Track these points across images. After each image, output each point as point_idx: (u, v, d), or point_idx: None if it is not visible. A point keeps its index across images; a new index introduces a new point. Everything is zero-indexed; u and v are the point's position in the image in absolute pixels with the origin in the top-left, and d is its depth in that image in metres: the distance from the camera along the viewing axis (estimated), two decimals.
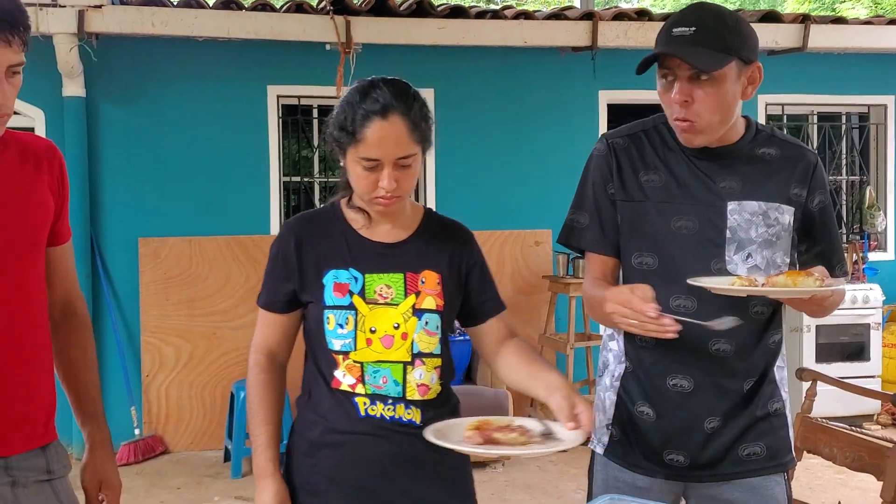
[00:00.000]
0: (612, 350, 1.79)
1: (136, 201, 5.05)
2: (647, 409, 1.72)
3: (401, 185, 1.56)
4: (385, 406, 1.60)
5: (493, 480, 4.46)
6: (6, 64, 1.39)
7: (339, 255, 1.64)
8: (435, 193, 5.42)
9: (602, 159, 1.76)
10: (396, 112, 1.53)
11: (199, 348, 5.07)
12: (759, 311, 1.67)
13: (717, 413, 1.68)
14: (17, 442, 1.55)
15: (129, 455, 4.79)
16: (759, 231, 1.66)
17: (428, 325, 1.62)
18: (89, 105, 4.94)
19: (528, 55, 5.42)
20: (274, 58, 5.12)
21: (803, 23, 5.40)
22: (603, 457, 1.79)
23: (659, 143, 1.73)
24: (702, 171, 1.69)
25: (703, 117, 1.60)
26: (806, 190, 1.70)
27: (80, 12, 4.53)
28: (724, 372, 1.68)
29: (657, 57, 1.60)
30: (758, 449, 1.70)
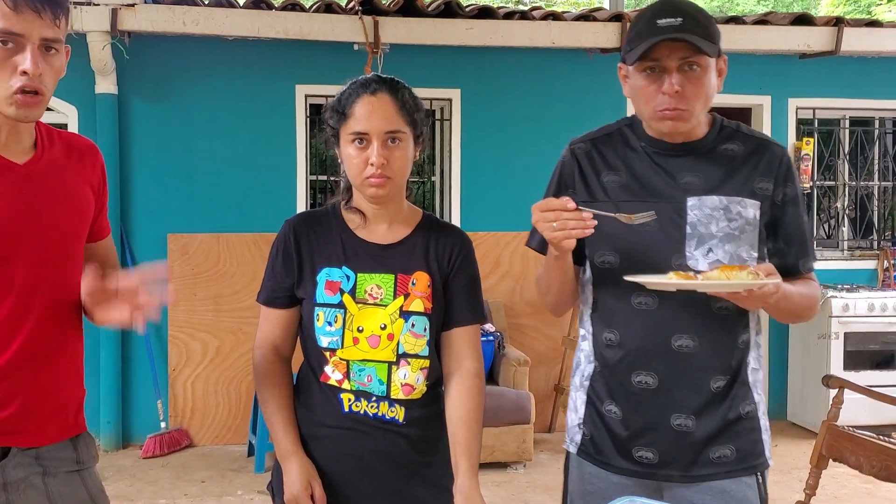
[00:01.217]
0: (582, 350, 1.82)
1: (165, 198, 5.11)
2: (614, 408, 1.74)
3: (391, 164, 1.61)
4: (369, 403, 1.65)
5: (513, 481, 4.46)
6: (38, 35, 1.42)
7: (334, 253, 1.68)
8: (461, 194, 5.42)
9: (565, 166, 1.82)
10: (384, 90, 1.62)
11: (225, 343, 5.12)
12: (723, 306, 1.67)
13: (684, 411, 1.68)
14: (51, 432, 1.58)
15: (154, 448, 4.85)
16: (719, 226, 1.66)
17: (415, 328, 1.65)
18: (121, 102, 5.02)
19: (556, 56, 5.40)
20: (302, 57, 5.16)
21: (836, 26, 5.33)
22: (577, 456, 1.81)
23: (621, 144, 1.77)
24: (663, 168, 1.71)
25: (694, 105, 1.64)
26: (772, 183, 1.70)
27: (113, 10, 4.60)
28: (689, 369, 1.68)
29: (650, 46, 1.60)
30: (728, 451, 1.70)
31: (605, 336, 1.74)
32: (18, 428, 1.52)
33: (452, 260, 1.72)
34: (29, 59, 1.41)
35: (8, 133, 1.50)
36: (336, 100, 1.66)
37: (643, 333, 1.69)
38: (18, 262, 1.49)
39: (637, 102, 1.69)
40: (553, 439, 5.28)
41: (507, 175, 5.45)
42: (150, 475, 4.56)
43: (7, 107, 1.44)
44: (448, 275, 1.71)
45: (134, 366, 5.13)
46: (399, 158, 1.62)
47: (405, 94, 1.64)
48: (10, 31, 1.40)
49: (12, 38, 1.40)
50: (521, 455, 4.62)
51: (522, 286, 5.41)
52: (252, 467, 4.65)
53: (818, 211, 6.14)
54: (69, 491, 1.60)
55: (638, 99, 1.68)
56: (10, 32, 1.40)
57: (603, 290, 1.74)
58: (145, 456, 4.83)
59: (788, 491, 4.13)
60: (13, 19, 1.39)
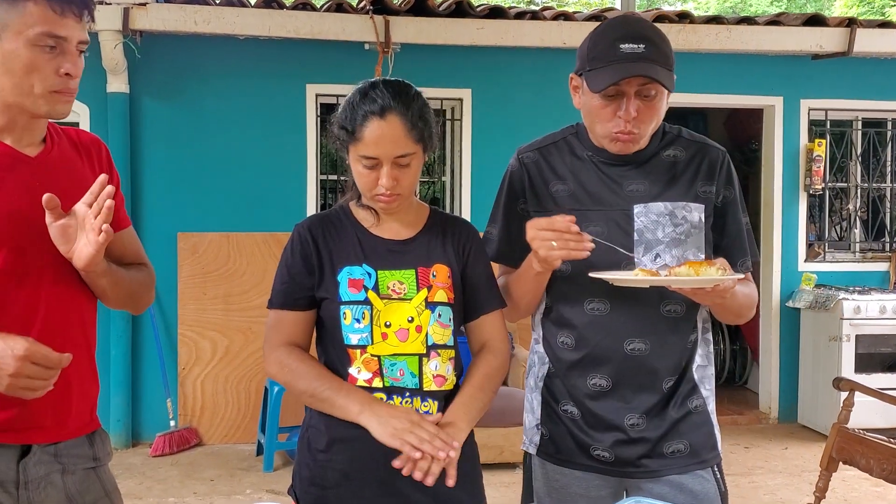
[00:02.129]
0: (536, 352, 1.85)
1: (175, 196, 5.13)
2: (571, 408, 1.77)
3: (400, 183, 1.61)
4: (402, 399, 1.63)
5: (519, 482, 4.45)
6: (77, 38, 1.48)
7: (352, 252, 1.68)
8: (471, 194, 5.42)
9: (514, 175, 1.85)
10: (394, 112, 1.59)
11: (234, 343, 5.13)
12: (671, 309, 1.71)
13: (636, 411, 1.72)
14: (70, 428, 1.60)
15: (164, 446, 4.87)
16: (665, 231, 1.70)
17: (441, 318, 1.66)
18: (132, 101, 5.04)
19: (567, 56, 5.36)
20: (313, 56, 5.17)
21: (849, 26, 5.30)
22: (538, 457, 1.83)
23: (567, 154, 1.80)
24: (609, 177, 1.74)
25: (646, 129, 1.68)
26: (714, 186, 1.74)
27: (125, 10, 4.62)
28: (641, 371, 1.71)
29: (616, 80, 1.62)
30: (681, 446, 1.74)
31: (560, 340, 1.77)
32: (38, 423, 1.54)
33: (466, 251, 1.74)
34: (71, 62, 1.49)
35: (22, 128, 1.54)
36: (343, 113, 1.63)
37: (597, 338, 1.72)
38: (33, 253, 1.51)
39: (590, 120, 1.73)
40: None
41: None
42: (159, 473, 4.57)
43: (42, 104, 1.49)
44: (465, 266, 1.73)
45: (144, 364, 5.15)
46: (409, 176, 1.63)
47: (415, 111, 1.61)
48: (56, 34, 1.46)
49: (57, 41, 1.46)
50: None
51: None
52: (261, 466, 4.66)
53: (830, 213, 6.10)
54: (86, 488, 1.62)
55: (592, 117, 1.72)
56: (57, 36, 1.46)
57: (556, 296, 1.77)
58: (155, 454, 4.84)
59: (798, 494, 4.10)
60: (59, 23, 1.46)
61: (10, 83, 1.48)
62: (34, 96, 1.48)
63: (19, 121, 1.52)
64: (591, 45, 1.69)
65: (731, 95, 5.66)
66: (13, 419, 1.50)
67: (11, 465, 1.51)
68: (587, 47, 1.71)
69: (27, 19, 1.44)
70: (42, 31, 1.44)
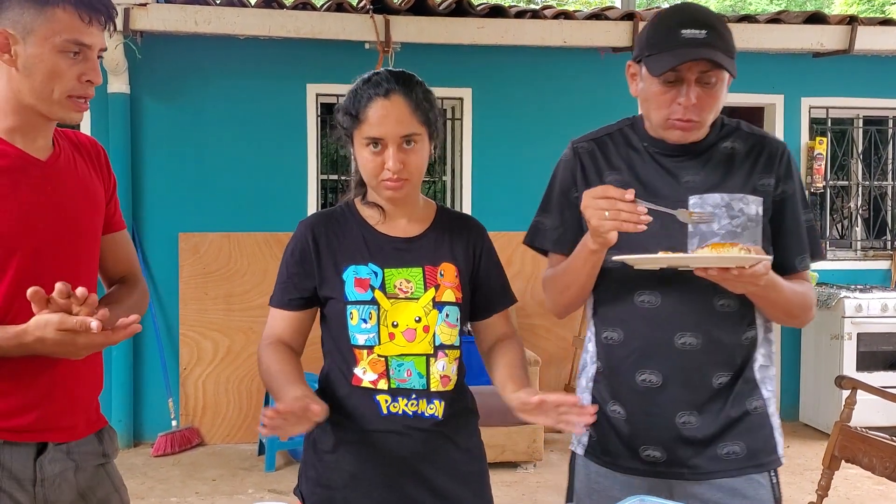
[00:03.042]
0: (588, 351, 1.82)
1: (176, 197, 5.13)
2: (618, 408, 1.74)
3: (407, 166, 1.58)
4: (408, 402, 1.61)
5: (524, 481, 4.45)
6: (99, 46, 1.52)
7: (358, 250, 1.65)
8: (472, 192, 5.42)
9: (567, 165, 1.81)
10: (397, 92, 1.58)
11: (236, 343, 5.13)
12: (725, 304, 1.66)
13: (688, 408, 1.68)
14: (81, 427, 1.63)
15: (165, 446, 4.87)
16: (721, 223, 1.66)
17: (448, 318, 1.65)
18: (133, 102, 5.04)
19: (567, 55, 5.39)
20: (313, 56, 5.17)
21: (850, 24, 5.29)
22: (584, 457, 1.81)
23: (623, 145, 1.77)
24: (665, 168, 1.71)
25: (706, 117, 1.65)
26: (773, 179, 1.70)
27: (125, 10, 4.61)
28: (692, 366, 1.67)
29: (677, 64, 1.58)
30: (737, 448, 1.69)
31: (608, 336, 1.74)
32: (53, 423, 1.57)
33: (476, 250, 1.72)
34: (94, 68, 1.51)
35: (35, 131, 1.56)
36: (348, 100, 1.62)
37: (646, 332, 1.69)
38: (47, 255, 1.53)
39: (647, 106, 1.68)
40: (563, 439, 5.26)
41: (518, 174, 5.44)
42: (160, 473, 4.57)
43: (58, 110, 1.52)
44: (475, 265, 1.71)
45: (145, 364, 5.15)
46: (415, 160, 1.60)
47: (419, 93, 1.61)
48: (81, 42, 1.49)
49: (81, 49, 1.49)
50: (532, 455, 4.61)
51: (534, 286, 5.40)
52: (263, 466, 4.66)
53: (831, 211, 6.10)
54: (97, 483, 1.65)
55: (649, 104, 1.67)
56: (82, 44, 1.49)
57: (606, 289, 1.74)
58: (156, 454, 4.85)
59: (800, 492, 4.10)
60: (85, 31, 1.49)
61: (29, 86, 1.49)
62: (51, 101, 1.49)
63: (32, 123, 1.54)
64: (652, 30, 1.65)
65: (731, 94, 5.57)
66: (32, 422, 1.54)
67: (28, 463, 1.55)
68: (647, 33, 1.66)
69: (55, 26, 1.46)
70: (69, 38, 1.47)
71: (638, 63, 1.68)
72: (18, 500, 1.53)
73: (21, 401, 1.53)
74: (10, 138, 1.53)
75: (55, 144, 1.60)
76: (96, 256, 1.67)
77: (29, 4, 1.45)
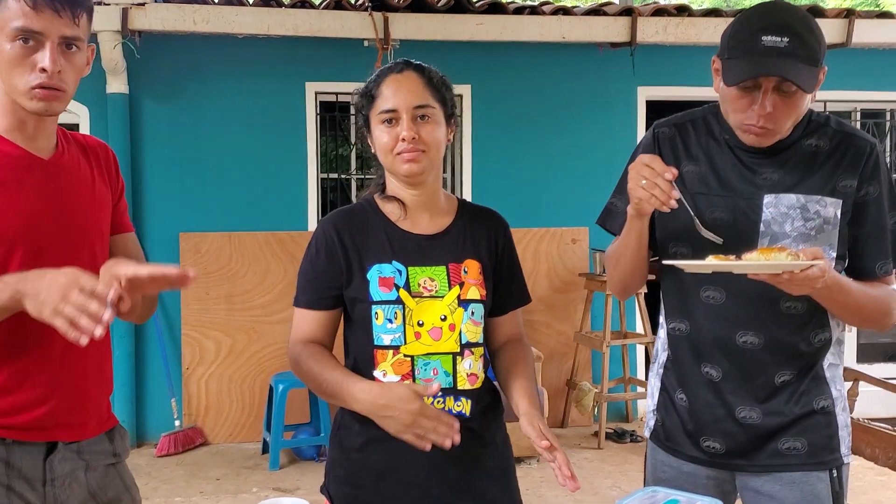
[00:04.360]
0: (660, 338, 1.83)
1: (177, 197, 5.13)
2: (683, 396, 1.75)
3: (422, 136, 1.58)
4: (434, 400, 1.57)
5: (528, 476, 4.46)
6: (57, 33, 1.44)
7: (381, 248, 1.63)
8: (471, 190, 5.43)
9: (646, 148, 1.78)
10: (410, 69, 1.62)
11: (238, 342, 5.14)
12: (791, 306, 1.64)
13: (749, 403, 1.68)
14: (91, 426, 1.63)
15: (169, 446, 4.88)
16: (794, 225, 1.62)
17: (474, 315, 1.64)
18: (132, 102, 5.03)
19: (566, 51, 5.39)
20: (312, 54, 5.17)
21: (847, 18, 5.30)
22: (651, 442, 1.83)
23: (704, 133, 1.73)
24: (744, 163, 1.67)
25: (781, 125, 1.60)
26: (856, 180, 1.63)
27: (123, 10, 4.61)
28: (753, 364, 1.67)
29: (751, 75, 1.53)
30: (798, 444, 1.68)
31: (675, 326, 1.75)
32: (63, 421, 1.56)
33: (500, 245, 1.71)
34: (48, 56, 1.44)
35: (34, 129, 1.54)
36: (364, 87, 1.66)
37: (709, 327, 1.68)
38: (50, 253, 1.52)
39: (725, 106, 1.65)
40: (566, 434, 5.28)
41: (518, 170, 5.45)
42: (164, 473, 4.58)
43: (28, 101, 1.47)
44: (497, 260, 1.71)
45: (148, 365, 5.15)
46: (430, 132, 1.58)
47: (433, 73, 1.64)
48: (29, 28, 1.43)
49: (32, 36, 1.43)
50: (535, 450, 4.61)
51: (534, 282, 5.41)
52: (267, 465, 4.67)
53: None
54: (107, 483, 1.65)
55: (727, 105, 1.64)
56: (30, 30, 1.43)
57: (674, 281, 1.73)
58: (160, 454, 4.85)
59: None
60: (32, 17, 1.42)
61: (2, 80, 1.48)
62: (19, 93, 1.47)
63: (28, 121, 1.52)
64: (734, 31, 1.59)
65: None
66: (40, 418, 1.53)
67: (38, 462, 1.54)
68: (729, 33, 1.61)
69: (5, 14, 1.43)
70: (17, 27, 1.42)
71: (721, 58, 1.63)
72: (29, 500, 1.53)
73: (29, 397, 1.52)
74: (11, 137, 1.52)
75: (59, 144, 1.60)
76: (102, 256, 1.65)
77: None
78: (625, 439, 5.14)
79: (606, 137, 5.51)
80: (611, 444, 5.09)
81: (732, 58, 1.57)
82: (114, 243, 1.71)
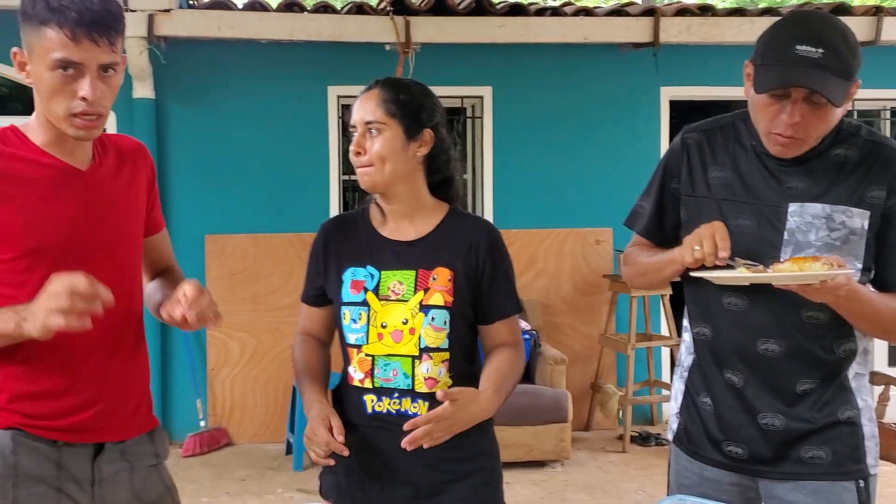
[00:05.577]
0: (685, 341, 1.83)
1: (202, 199, 5.18)
2: (708, 400, 1.75)
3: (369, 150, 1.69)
4: (391, 400, 1.68)
5: (551, 480, 4.45)
6: (95, 62, 1.48)
7: (359, 253, 1.75)
8: (492, 191, 5.42)
9: (674, 154, 1.79)
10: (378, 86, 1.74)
11: (262, 343, 5.18)
12: (813, 315, 1.63)
13: (771, 410, 1.67)
14: (134, 427, 1.67)
15: (194, 446, 4.93)
16: (819, 235, 1.61)
17: (434, 321, 1.68)
18: (158, 106, 5.10)
19: (588, 52, 5.37)
20: (334, 58, 5.20)
21: (875, 15, 5.22)
22: (674, 445, 1.83)
23: (732, 140, 1.73)
24: (770, 170, 1.67)
25: (810, 137, 1.59)
26: (885, 190, 1.61)
27: (149, 16, 4.67)
28: (774, 371, 1.66)
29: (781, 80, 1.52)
30: (822, 453, 1.66)
31: (699, 331, 1.75)
32: (109, 422, 1.61)
33: (479, 254, 1.73)
34: (88, 85, 1.47)
35: (73, 144, 1.58)
36: None
37: (730, 333, 1.68)
38: (92, 263, 1.56)
39: (754, 113, 1.64)
40: (591, 437, 5.25)
41: (539, 172, 5.44)
42: (190, 474, 4.62)
43: (68, 127, 1.51)
44: (477, 269, 1.72)
45: (173, 365, 5.21)
46: (375, 146, 1.69)
47: (398, 88, 1.71)
48: (70, 60, 1.46)
49: (72, 66, 1.47)
50: (559, 454, 4.61)
51: (558, 283, 5.39)
52: (291, 465, 4.70)
53: None
54: (150, 484, 1.69)
55: (755, 112, 1.62)
56: (70, 61, 1.46)
57: (698, 286, 1.72)
58: (185, 454, 4.90)
59: None
60: (72, 49, 1.45)
61: (42, 104, 1.52)
62: (59, 118, 1.50)
63: (64, 137, 1.55)
64: (768, 38, 1.59)
65: None
66: (89, 419, 1.58)
67: (87, 463, 1.59)
68: (764, 39, 1.60)
69: (46, 44, 1.45)
70: (57, 58, 1.45)
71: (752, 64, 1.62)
72: (78, 500, 1.57)
73: (78, 400, 1.57)
74: (50, 150, 1.56)
75: (95, 155, 1.63)
76: (136, 262, 1.70)
77: (30, 25, 1.47)
78: (650, 443, 5.11)
79: (629, 138, 5.48)
80: (636, 448, 5.05)
81: (764, 64, 1.56)
82: (150, 243, 1.77)
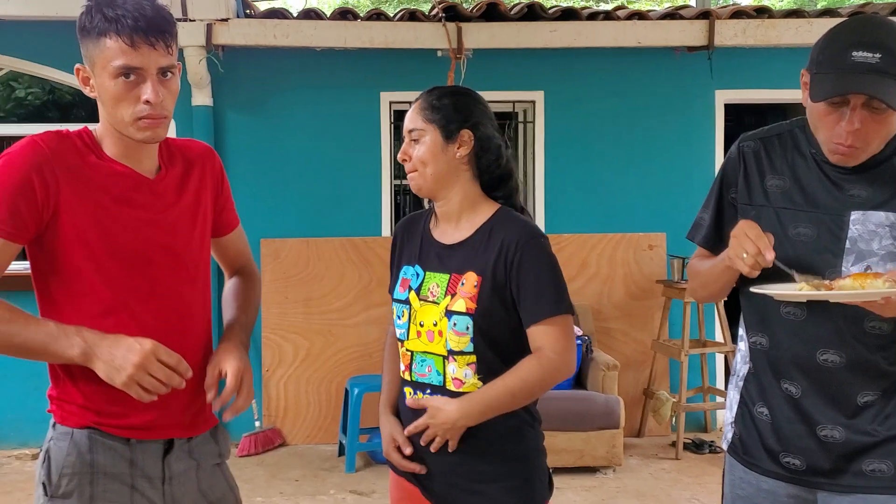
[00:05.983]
0: (740, 350, 1.80)
1: (258, 204, 5.28)
2: (764, 410, 1.72)
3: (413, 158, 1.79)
4: (424, 395, 1.78)
5: (603, 486, 4.42)
6: (155, 66, 1.54)
7: (414, 252, 1.85)
8: (544, 195, 5.41)
9: (730, 163, 1.77)
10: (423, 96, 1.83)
11: (315, 345, 5.26)
12: (876, 325, 1.59)
13: (830, 422, 1.63)
14: (200, 424, 1.73)
15: (249, 446, 5.02)
16: (882, 244, 1.57)
17: (456, 326, 1.72)
18: (216, 114, 5.22)
19: (641, 56, 5.33)
20: (387, 65, 5.26)
21: None
22: (728, 455, 1.81)
23: (791, 148, 1.70)
24: (831, 178, 1.64)
25: (871, 144, 1.56)
26: None
27: (208, 26, 4.80)
28: (833, 383, 1.62)
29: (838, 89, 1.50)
30: (884, 467, 1.62)
31: (755, 340, 1.73)
32: (178, 419, 1.67)
33: (511, 261, 1.71)
34: (150, 88, 1.54)
35: (142, 153, 1.64)
36: None
37: (788, 343, 1.66)
38: (160, 265, 1.63)
39: (812, 122, 1.62)
40: (643, 444, 5.20)
41: (591, 176, 5.41)
42: (245, 473, 4.71)
43: (134, 132, 1.57)
44: (506, 275, 1.71)
45: None
46: (417, 153, 1.78)
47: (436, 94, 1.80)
48: (130, 66, 1.52)
49: (133, 72, 1.53)
50: (611, 460, 4.58)
51: (610, 289, 5.35)
52: (343, 467, 4.76)
53: None
54: (214, 483, 1.74)
55: (814, 121, 1.61)
56: (131, 67, 1.52)
57: (753, 295, 1.69)
58: (241, 454, 5.00)
59: None
60: (132, 55, 1.52)
61: (107, 113, 1.59)
62: (125, 125, 1.56)
63: (131, 146, 1.62)
64: (824, 45, 1.57)
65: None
66: (158, 417, 1.63)
67: (158, 461, 1.64)
68: (819, 47, 1.58)
69: (107, 54, 1.52)
70: (119, 65, 1.51)
71: (809, 72, 1.61)
72: (151, 498, 1.63)
73: None
74: (119, 160, 1.63)
75: (162, 162, 1.69)
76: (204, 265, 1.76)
77: (89, 38, 1.54)
78: (703, 450, 5.03)
79: (684, 142, 5.42)
80: (689, 455, 4.99)
81: (821, 72, 1.54)
82: (225, 241, 1.86)
